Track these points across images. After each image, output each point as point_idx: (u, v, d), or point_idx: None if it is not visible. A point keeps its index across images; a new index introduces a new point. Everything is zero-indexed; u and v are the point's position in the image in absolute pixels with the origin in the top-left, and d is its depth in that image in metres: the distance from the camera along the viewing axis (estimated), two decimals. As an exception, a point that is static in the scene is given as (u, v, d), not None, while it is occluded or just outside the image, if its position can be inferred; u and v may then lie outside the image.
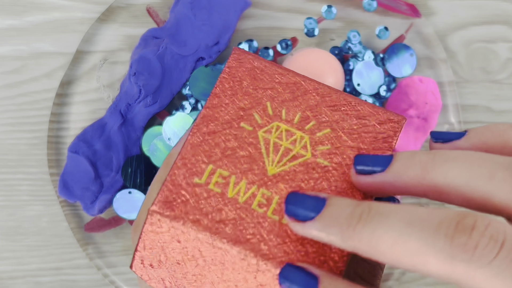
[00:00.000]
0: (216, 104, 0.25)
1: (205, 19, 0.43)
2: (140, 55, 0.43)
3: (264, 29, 0.46)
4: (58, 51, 0.45)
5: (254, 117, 0.24)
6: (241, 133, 0.24)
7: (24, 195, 0.45)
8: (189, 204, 0.23)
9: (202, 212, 0.23)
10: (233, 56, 0.25)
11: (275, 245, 0.23)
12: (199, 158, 0.24)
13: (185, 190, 0.23)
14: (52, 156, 0.44)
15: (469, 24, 0.47)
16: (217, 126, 0.24)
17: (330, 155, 0.24)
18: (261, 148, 0.24)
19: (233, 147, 0.24)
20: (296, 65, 0.43)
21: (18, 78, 0.45)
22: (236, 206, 0.23)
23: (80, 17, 0.45)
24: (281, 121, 0.25)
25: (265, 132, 0.24)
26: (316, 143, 0.24)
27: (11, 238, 0.45)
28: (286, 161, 0.24)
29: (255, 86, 0.25)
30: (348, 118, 0.25)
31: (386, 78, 0.45)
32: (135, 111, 0.43)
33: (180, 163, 0.24)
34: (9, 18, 0.45)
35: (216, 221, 0.23)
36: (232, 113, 0.24)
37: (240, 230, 0.23)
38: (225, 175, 0.24)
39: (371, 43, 0.46)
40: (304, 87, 0.25)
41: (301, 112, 0.25)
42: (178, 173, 0.23)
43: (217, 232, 0.23)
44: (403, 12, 0.45)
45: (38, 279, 0.46)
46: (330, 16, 0.44)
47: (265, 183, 0.24)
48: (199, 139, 0.24)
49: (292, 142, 0.24)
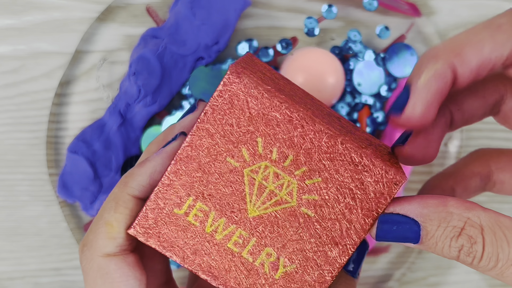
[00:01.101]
0: (204, 133, 0.23)
1: (204, 18, 0.43)
2: (140, 55, 0.43)
3: (264, 29, 0.46)
4: (57, 51, 0.45)
5: (242, 152, 0.23)
6: (226, 168, 0.23)
7: (23, 195, 0.45)
8: (165, 232, 0.23)
9: (176, 242, 0.23)
10: (228, 78, 0.22)
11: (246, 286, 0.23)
12: (180, 188, 0.23)
13: (163, 218, 0.23)
14: (52, 156, 0.44)
15: (470, 23, 0.47)
16: (203, 158, 0.23)
17: (316, 206, 0.23)
18: (244, 188, 0.23)
19: (217, 182, 0.23)
20: (296, 65, 0.43)
21: (17, 78, 0.45)
22: (212, 242, 0.23)
23: (79, 16, 0.45)
24: (271, 161, 0.23)
25: (252, 171, 0.23)
26: (303, 190, 0.23)
27: (10, 239, 0.45)
28: (269, 204, 0.23)
29: (248, 117, 0.23)
30: (343, 170, 0.23)
31: (386, 78, 0.45)
32: (135, 111, 0.43)
33: (162, 189, 0.23)
34: (8, 18, 0.44)
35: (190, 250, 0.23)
36: (220, 145, 0.23)
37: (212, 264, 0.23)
38: (204, 210, 0.23)
39: (371, 43, 0.46)
40: (303, 128, 0.23)
41: (294, 155, 0.23)
42: (159, 199, 0.23)
43: (186, 260, 0.23)
44: (404, 11, 0.45)
45: (37, 279, 0.45)
46: (331, 16, 0.44)
47: (244, 224, 0.23)
48: (182, 168, 0.23)
49: (278, 186, 0.23)
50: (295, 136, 0.23)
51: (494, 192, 0.30)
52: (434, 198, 0.22)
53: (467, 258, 0.22)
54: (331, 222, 0.23)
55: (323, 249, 0.23)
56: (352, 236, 0.23)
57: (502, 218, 0.22)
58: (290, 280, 0.23)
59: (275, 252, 0.23)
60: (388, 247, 0.46)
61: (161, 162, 0.24)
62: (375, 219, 0.23)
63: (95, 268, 0.24)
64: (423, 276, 0.48)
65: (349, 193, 0.23)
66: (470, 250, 0.22)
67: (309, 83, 0.42)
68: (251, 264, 0.23)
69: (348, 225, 0.23)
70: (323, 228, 0.23)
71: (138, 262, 0.24)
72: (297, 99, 0.24)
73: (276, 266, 0.23)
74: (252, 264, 0.23)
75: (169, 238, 0.23)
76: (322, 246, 0.23)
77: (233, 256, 0.23)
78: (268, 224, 0.23)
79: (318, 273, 0.23)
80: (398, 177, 0.23)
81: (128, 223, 0.24)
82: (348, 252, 0.23)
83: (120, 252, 0.24)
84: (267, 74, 0.25)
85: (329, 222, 0.23)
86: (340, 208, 0.23)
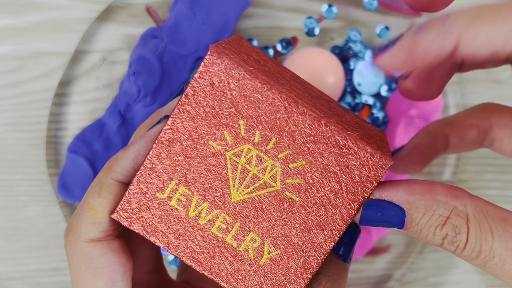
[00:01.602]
0: (185, 116, 0.22)
1: (204, 18, 0.43)
2: (139, 55, 0.42)
3: (264, 29, 0.45)
4: (57, 51, 0.45)
5: (224, 135, 0.22)
6: (209, 151, 0.22)
7: (23, 195, 0.45)
8: (148, 217, 0.23)
9: (159, 227, 0.23)
10: (208, 58, 0.21)
11: (230, 272, 0.23)
12: (162, 172, 0.23)
13: (146, 203, 0.23)
14: (51, 156, 0.44)
15: (471, 23, 0.47)
16: (184, 141, 0.22)
17: (300, 190, 0.22)
18: (227, 171, 0.22)
19: (199, 166, 0.22)
20: (296, 65, 0.43)
21: (17, 78, 0.45)
22: (195, 226, 0.23)
23: (79, 16, 0.45)
24: (253, 144, 0.22)
25: (234, 155, 0.22)
26: (287, 174, 0.22)
27: (10, 239, 0.45)
28: (253, 189, 0.23)
29: (230, 99, 0.22)
30: (328, 153, 0.22)
31: (386, 78, 0.45)
32: (135, 111, 0.43)
33: (144, 173, 0.23)
34: (8, 18, 0.44)
35: (174, 235, 0.23)
36: (201, 128, 0.22)
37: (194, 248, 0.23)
38: (187, 194, 0.23)
39: (372, 43, 0.46)
40: (286, 110, 0.22)
41: (277, 138, 0.22)
42: (141, 183, 0.23)
43: (170, 245, 0.23)
44: (404, 11, 0.45)
45: (37, 279, 0.45)
46: (331, 16, 0.44)
47: (228, 208, 0.23)
48: (164, 151, 0.22)
49: (261, 170, 0.22)
50: (278, 118, 0.22)
51: (492, 149, 0.29)
52: (421, 184, 0.22)
53: (450, 246, 0.22)
54: (316, 206, 0.22)
55: (309, 234, 0.23)
56: (338, 221, 0.22)
57: (489, 207, 0.21)
58: (275, 266, 0.23)
59: (260, 237, 0.23)
60: (388, 247, 0.46)
61: (144, 145, 0.23)
62: (360, 203, 0.22)
63: (79, 253, 0.23)
64: (423, 276, 0.48)
65: (334, 177, 0.22)
66: (454, 240, 0.21)
67: (309, 82, 0.42)
68: (236, 250, 0.23)
69: (333, 209, 0.22)
70: (308, 213, 0.23)
71: (124, 247, 0.24)
72: (283, 81, 0.23)
73: (261, 252, 0.23)
74: (237, 250, 0.23)
75: (153, 223, 0.23)
76: (307, 232, 0.23)
77: (217, 242, 0.23)
78: (252, 208, 0.23)
79: (303, 259, 0.23)
80: (385, 160, 0.22)
81: (112, 208, 0.23)
82: (334, 237, 0.23)
83: (104, 238, 0.23)
84: (253, 56, 0.24)
85: (314, 207, 0.22)
86: (325, 192, 0.22)
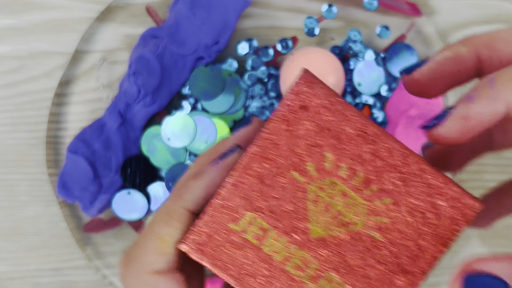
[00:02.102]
0: (268, 144, 0.21)
1: (204, 18, 0.43)
2: (139, 55, 0.42)
3: (264, 29, 0.45)
4: (57, 51, 0.45)
5: (307, 166, 0.21)
6: (290, 183, 0.21)
7: (22, 195, 0.45)
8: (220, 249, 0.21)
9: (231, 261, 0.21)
10: (299, 86, 0.21)
11: None
12: (238, 202, 0.21)
13: (219, 234, 0.21)
14: (51, 156, 0.44)
15: (470, 23, 0.47)
16: (265, 170, 0.21)
17: (384, 230, 0.21)
18: (307, 205, 0.21)
19: (278, 198, 0.21)
20: (296, 65, 0.43)
21: (17, 78, 0.45)
22: (270, 263, 0.21)
23: (79, 16, 0.45)
24: (338, 178, 0.21)
25: (317, 188, 0.21)
26: (372, 212, 0.21)
27: (10, 239, 0.45)
28: (334, 225, 0.21)
29: (317, 129, 0.21)
30: (416, 192, 0.21)
31: (387, 77, 0.45)
32: (134, 111, 0.43)
33: (219, 202, 0.21)
34: (8, 18, 0.44)
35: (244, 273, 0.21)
36: (284, 157, 0.21)
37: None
38: (263, 227, 0.21)
39: (372, 43, 0.46)
40: (374, 144, 0.21)
41: (363, 173, 0.21)
42: (215, 212, 0.21)
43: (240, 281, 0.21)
44: (404, 11, 0.45)
45: (37, 279, 0.45)
46: (331, 16, 0.44)
47: (306, 245, 0.21)
48: (242, 180, 0.21)
49: (345, 206, 0.21)
50: (366, 152, 0.21)
51: None
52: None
53: None
54: (400, 247, 0.21)
55: (390, 277, 0.21)
56: (422, 264, 0.21)
57: None
58: None
59: (339, 278, 0.21)
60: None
61: (218, 174, 0.22)
62: (448, 247, 0.21)
63: (141, 286, 0.22)
64: (423, 277, 0.48)
65: (421, 217, 0.21)
66: None
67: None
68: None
69: (418, 252, 0.21)
70: (391, 254, 0.21)
71: (185, 282, 0.23)
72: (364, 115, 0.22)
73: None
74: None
75: (223, 257, 0.21)
76: (389, 274, 0.21)
77: (292, 281, 0.21)
78: (332, 246, 0.21)
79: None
80: (476, 203, 0.21)
81: (180, 239, 0.22)
82: (416, 282, 0.21)
83: (168, 270, 0.22)
84: None
85: (398, 248, 0.21)
86: (410, 233, 0.21)
